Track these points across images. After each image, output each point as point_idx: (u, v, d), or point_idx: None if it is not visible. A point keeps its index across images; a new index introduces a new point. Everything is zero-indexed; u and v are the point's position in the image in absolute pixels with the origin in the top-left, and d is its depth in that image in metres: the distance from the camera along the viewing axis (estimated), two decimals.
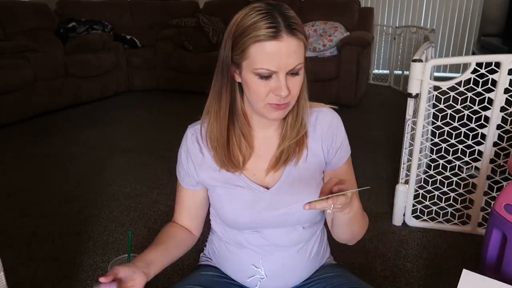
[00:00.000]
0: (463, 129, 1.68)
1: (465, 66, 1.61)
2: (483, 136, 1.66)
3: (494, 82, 1.57)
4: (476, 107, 1.64)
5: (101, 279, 0.74)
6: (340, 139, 0.91)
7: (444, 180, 1.80)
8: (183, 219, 1.00)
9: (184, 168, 0.93)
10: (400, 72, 4.84)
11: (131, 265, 0.82)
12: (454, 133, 1.70)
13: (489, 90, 1.59)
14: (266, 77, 0.76)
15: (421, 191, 1.83)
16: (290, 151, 0.87)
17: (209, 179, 0.91)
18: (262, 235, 0.91)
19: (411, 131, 1.75)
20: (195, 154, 0.91)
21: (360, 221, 0.87)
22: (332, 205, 0.69)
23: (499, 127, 1.63)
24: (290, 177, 0.89)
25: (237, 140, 0.88)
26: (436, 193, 1.81)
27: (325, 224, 1.03)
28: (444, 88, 1.65)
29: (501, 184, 1.73)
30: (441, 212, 1.83)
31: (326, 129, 0.90)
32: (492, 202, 1.60)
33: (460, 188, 1.77)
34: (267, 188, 0.89)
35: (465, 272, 0.85)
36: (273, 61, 0.74)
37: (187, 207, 0.99)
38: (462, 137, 1.70)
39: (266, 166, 0.89)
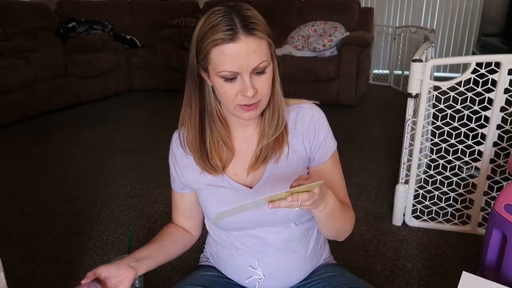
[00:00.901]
0: (463, 129, 1.68)
1: (465, 66, 1.60)
2: (483, 136, 1.66)
3: (494, 82, 1.57)
4: (476, 107, 1.64)
5: (82, 281, 0.79)
6: (323, 134, 0.90)
7: (444, 180, 1.80)
8: (180, 220, 1.02)
9: (172, 173, 0.97)
10: (400, 72, 4.84)
11: (115, 262, 0.84)
12: (454, 133, 1.70)
13: (489, 90, 1.59)
14: (231, 79, 0.76)
15: (421, 191, 1.83)
16: (268, 149, 0.87)
17: (194, 182, 0.93)
18: (253, 235, 0.91)
19: (411, 131, 1.75)
20: (180, 159, 0.93)
21: (340, 217, 0.85)
22: (299, 203, 0.68)
23: (499, 127, 1.63)
24: (272, 175, 0.89)
25: (215, 144, 0.88)
26: (436, 193, 1.81)
27: None
28: (444, 88, 1.65)
29: (501, 184, 1.73)
30: (441, 212, 1.83)
31: (307, 125, 0.89)
32: (492, 202, 1.60)
33: (460, 188, 1.77)
34: (250, 187, 0.89)
35: (464, 274, 0.85)
36: (233, 63, 0.75)
37: (181, 209, 1.01)
38: (462, 137, 1.70)
39: (247, 166, 0.90)
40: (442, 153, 1.74)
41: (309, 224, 0.96)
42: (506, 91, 1.57)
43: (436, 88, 1.68)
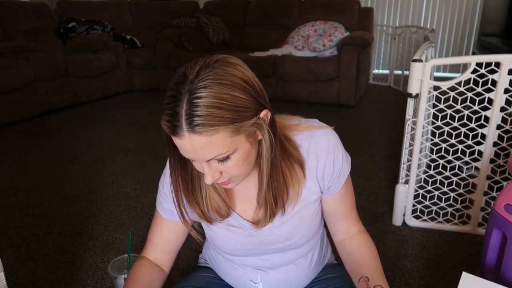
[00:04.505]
0: (463, 129, 1.68)
1: (465, 66, 1.60)
2: (483, 136, 1.66)
3: (494, 82, 1.57)
4: (476, 107, 1.64)
5: None
6: (338, 163, 0.82)
7: (444, 180, 1.80)
8: (157, 253, 0.91)
9: (167, 200, 0.85)
10: (400, 72, 4.83)
11: None
12: (454, 133, 1.70)
13: (489, 90, 1.59)
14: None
15: (421, 191, 1.83)
16: (276, 200, 0.78)
17: (200, 218, 0.84)
18: (260, 258, 0.89)
19: (411, 131, 1.75)
20: None
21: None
22: None
23: (499, 127, 1.63)
24: (283, 215, 0.83)
25: (210, 194, 0.79)
26: (436, 193, 1.81)
27: (324, 225, 1.02)
28: (444, 88, 1.65)
29: (501, 184, 1.73)
30: (441, 212, 1.83)
31: (321, 156, 0.80)
32: (492, 202, 1.60)
33: (460, 188, 1.77)
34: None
35: (464, 275, 0.85)
36: (185, 153, 0.66)
37: (165, 241, 0.90)
38: (462, 137, 1.70)
39: (254, 202, 0.81)
40: (442, 153, 1.74)
41: (315, 240, 0.94)
42: (506, 91, 1.57)
43: (436, 88, 1.68)
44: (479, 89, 1.59)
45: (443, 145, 1.73)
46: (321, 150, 0.80)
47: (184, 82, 0.62)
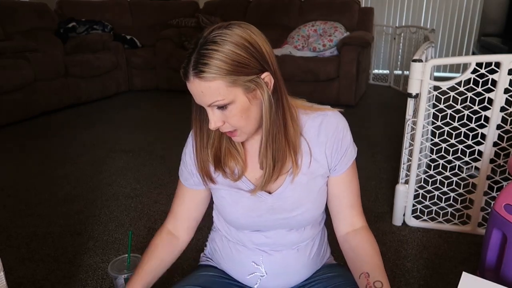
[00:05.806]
0: (463, 129, 1.68)
1: (465, 66, 1.60)
2: (483, 136, 1.66)
3: (494, 82, 1.57)
4: (476, 107, 1.64)
5: None
6: (346, 143, 0.90)
7: (444, 180, 1.81)
8: (177, 222, 1.01)
9: (188, 168, 0.94)
10: (400, 72, 4.84)
11: None
12: (454, 133, 1.70)
13: (489, 90, 1.59)
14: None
15: (421, 191, 1.83)
16: (276, 162, 0.84)
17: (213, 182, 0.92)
18: (264, 234, 0.92)
19: (411, 131, 1.75)
20: None
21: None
22: None
23: (499, 127, 1.63)
24: (292, 183, 0.88)
25: (227, 152, 0.88)
26: (436, 193, 1.81)
27: (325, 224, 1.03)
28: (444, 88, 1.65)
29: (501, 184, 1.73)
30: (441, 212, 1.83)
31: (331, 134, 0.88)
32: (492, 202, 1.60)
33: (460, 188, 1.77)
34: (270, 192, 0.89)
35: (464, 275, 0.85)
36: (194, 97, 0.79)
37: (187, 209, 0.99)
38: (462, 137, 1.70)
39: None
40: (442, 153, 1.74)
41: (317, 228, 0.97)
42: (506, 91, 1.57)
43: (436, 88, 1.68)
44: (479, 89, 1.59)
45: (443, 145, 1.73)
46: (331, 128, 0.88)
47: (200, 38, 0.75)
